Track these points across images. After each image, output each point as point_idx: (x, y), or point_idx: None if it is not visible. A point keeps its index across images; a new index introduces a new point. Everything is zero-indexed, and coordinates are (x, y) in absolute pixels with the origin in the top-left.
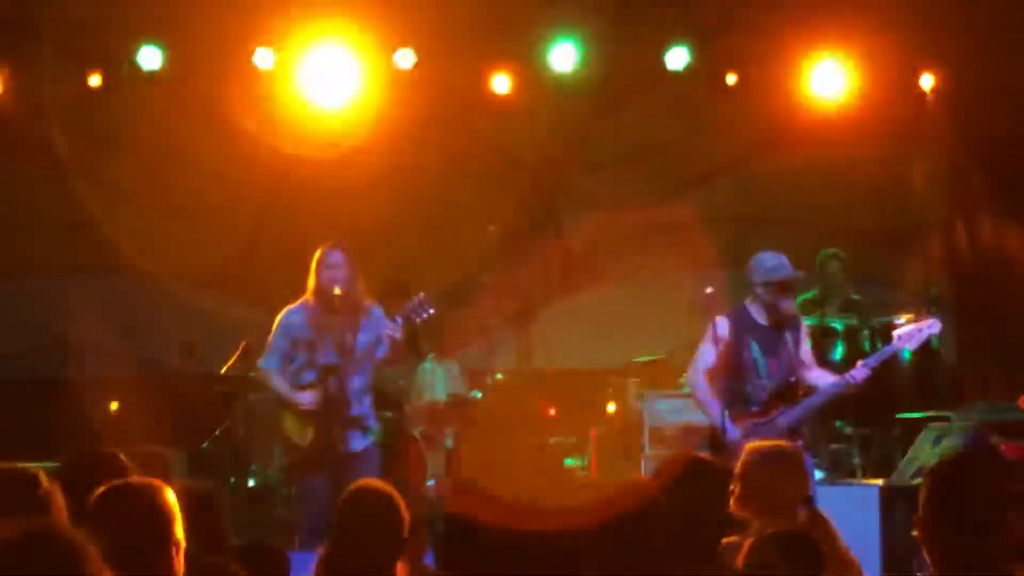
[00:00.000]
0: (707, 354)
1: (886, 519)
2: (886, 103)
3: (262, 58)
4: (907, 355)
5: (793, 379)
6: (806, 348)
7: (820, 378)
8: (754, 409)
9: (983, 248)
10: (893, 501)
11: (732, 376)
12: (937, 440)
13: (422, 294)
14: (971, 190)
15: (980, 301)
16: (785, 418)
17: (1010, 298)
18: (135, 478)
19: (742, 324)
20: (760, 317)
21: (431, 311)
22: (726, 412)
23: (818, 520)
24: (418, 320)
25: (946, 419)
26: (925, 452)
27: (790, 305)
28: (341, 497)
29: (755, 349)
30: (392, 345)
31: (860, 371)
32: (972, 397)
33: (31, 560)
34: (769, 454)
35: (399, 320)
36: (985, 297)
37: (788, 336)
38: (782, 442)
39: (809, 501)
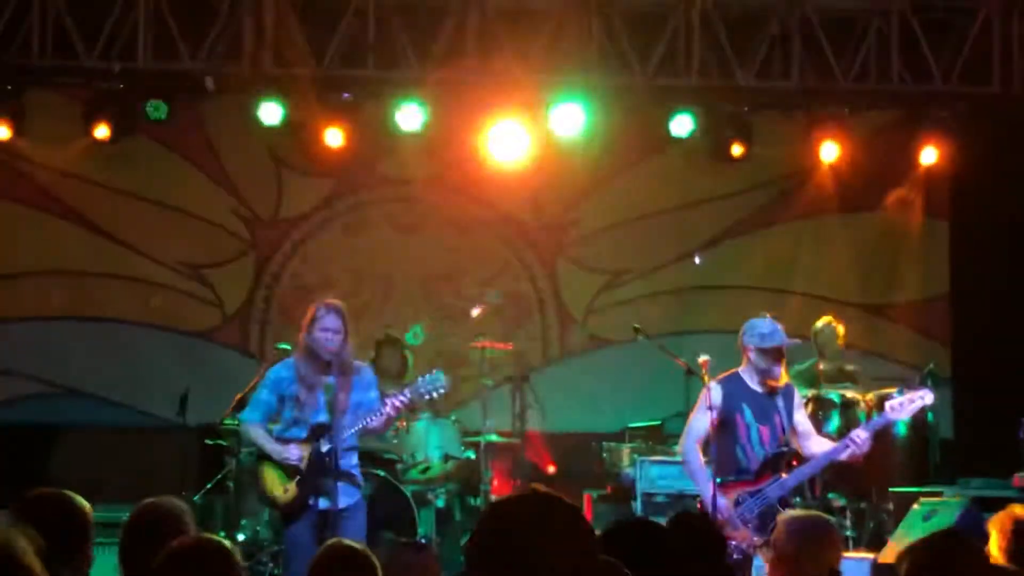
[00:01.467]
0: (699, 422)
1: None
2: (887, 175)
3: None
4: (902, 429)
5: (785, 448)
6: (802, 416)
7: (819, 445)
8: (745, 478)
9: (981, 322)
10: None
11: (724, 442)
12: (928, 516)
13: (436, 371)
14: (971, 263)
15: (977, 376)
16: (777, 488)
17: (1008, 373)
18: (203, 536)
19: (735, 390)
20: (752, 383)
21: (443, 390)
22: (715, 482)
23: None
24: (428, 398)
25: (938, 494)
26: (916, 527)
27: (779, 372)
28: (314, 556)
29: (748, 414)
30: (386, 420)
31: (863, 434)
32: (967, 473)
33: None
34: (797, 524)
35: (407, 395)
36: (982, 371)
37: (780, 403)
38: (815, 513)
39: (835, 573)
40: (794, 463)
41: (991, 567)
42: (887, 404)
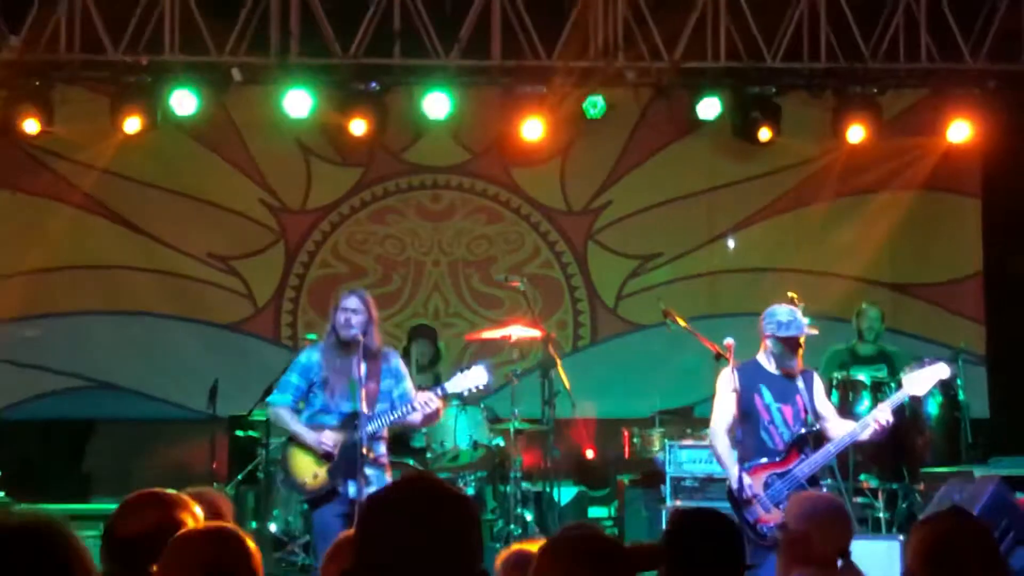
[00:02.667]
0: (723, 407)
1: None
2: (917, 153)
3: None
4: (935, 409)
5: (811, 429)
6: (822, 399)
7: (841, 426)
8: (773, 460)
9: (1015, 301)
10: None
11: (748, 427)
12: (958, 495)
13: (478, 364)
14: (1004, 241)
15: (1012, 355)
16: (805, 468)
17: None
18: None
19: (752, 374)
20: (771, 367)
21: (483, 386)
22: (743, 466)
23: (851, 573)
24: (467, 393)
25: (969, 474)
26: (945, 507)
27: (795, 364)
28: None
29: (767, 396)
30: (428, 416)
31: (884, 412)
32: (1001, 452)
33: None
34: (808, 505)
35: (447, 388)
36: (1017, 350)
37: (801, 384)
38: (827, 494)
39: (846, 555)
40: (818, 444)
41: (994, 545)
42: (903, 379)
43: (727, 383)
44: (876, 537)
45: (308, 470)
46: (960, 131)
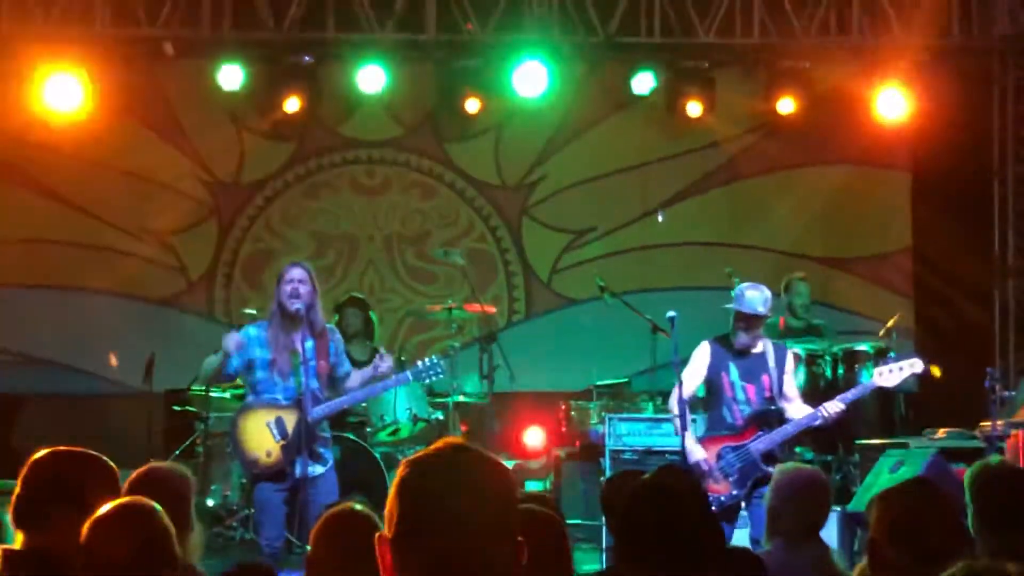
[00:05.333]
0: (687, 377)
1: (844, 544)
2: (848, 128)
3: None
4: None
5: (772, 407)
6: (790, 379)
7: (798, 410)
8: (730, 433)
9: (943, 275)
10: (851, 527)
11: (713, 401)
12: (896, 467)
13: (435, 358)
14: (933, 216)
15: (940, 328)
16: (761, 443)
17: (970, 325)
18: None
19: (722, 350)
20: (739, 343)
21: (442, 374)
22: (699, 437)
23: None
24: (427, 380)
25: (905, 445)
26: (883, 478)
27: (745, 339)
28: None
29: (733, 373)
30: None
31: (834, 407)
32: (932, 425)
33: None
34: (783, 478)
35: (408, 376)
36: (945, 324)
37: (771, 362)
38: (809, 470)
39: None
40: (779, 422)
41: (958, 514)
42: (875, 371)
43: (699, 357)
44: None
45: (261, 447)
46: (890, 106)
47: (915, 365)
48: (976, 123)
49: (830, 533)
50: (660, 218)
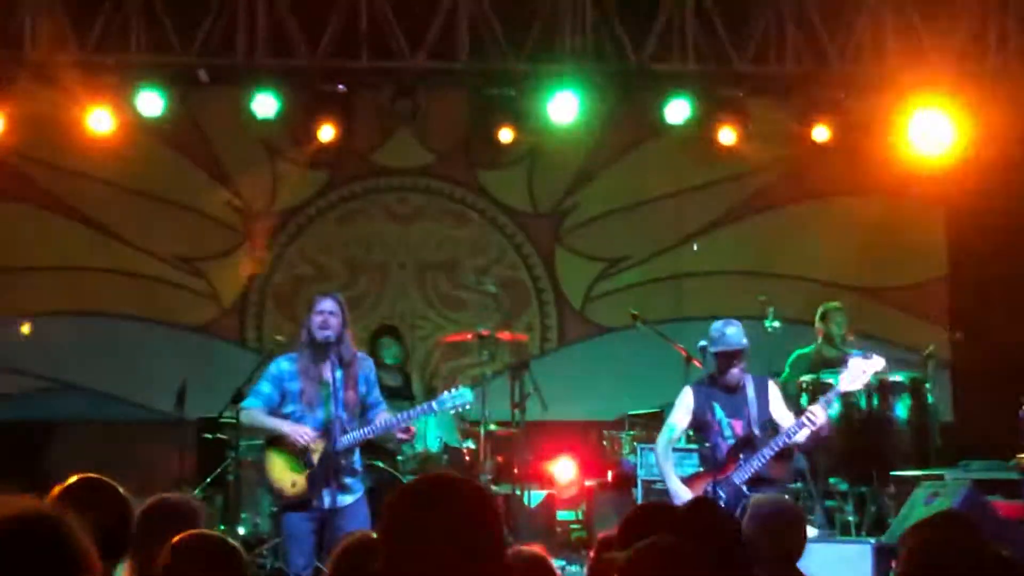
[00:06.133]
0: (674, 422)
1: None
2: (883, 158)
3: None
4: (903, 412)
5: (749, 434)
6: (779, 406)
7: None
8: (713, 469)
9: (979, 304)
10: (886, 559)
11: (705, 440)
12: (930, 499)
13: (461, 387)
14: (968, 245)
15: (976, 358)
16: (742, 471)
17: (1006, 354)
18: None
19: (707, 390)
20: (721, 381)
21: (468, 406)
22: (679, 477)
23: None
24: (453, 410)
25: (940, 477)
26: (918, 510)
27: (733, 374)
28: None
29: (718, 411)
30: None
31: (818, 410)
32: (968, 455)
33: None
34: (758, 509)
35: (433, 407)
36: (981, 354)
37: (751, 396)
38: (781, 498)
39: (790, 559)
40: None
41: (990, 547)
42: (840, 376)
43: (684, 401)
44: (846, 541)
45: (287, 477)
46: (926, 133)
47: (876, 363)
48: (1013, 149)
49: (864, 566)
50: (695, 247)
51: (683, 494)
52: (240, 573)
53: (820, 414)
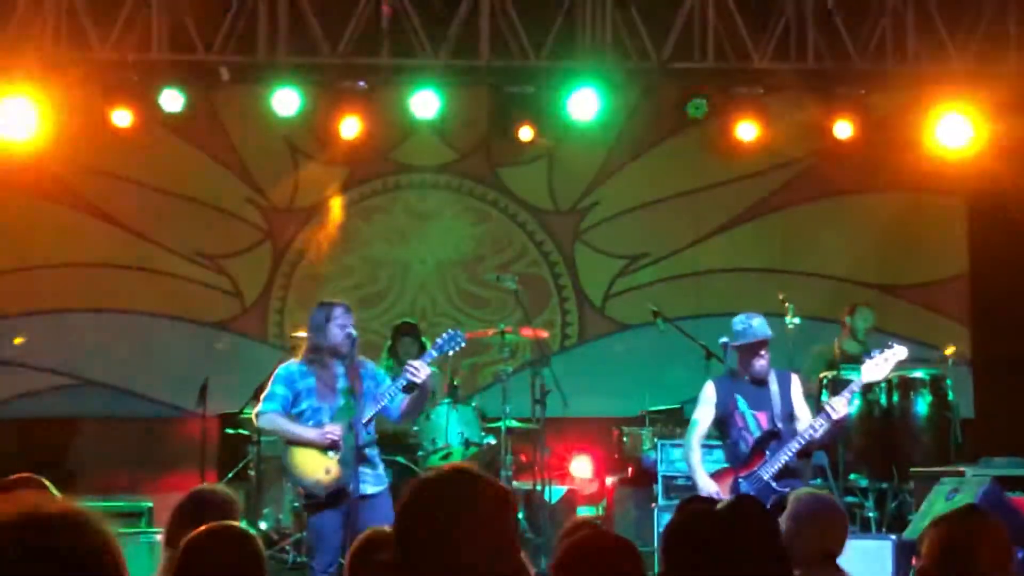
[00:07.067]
0: (701, 419)
1: (899, 574)
2: (904, 154)
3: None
4: (923, 409)
5: (774, 428)
6: (800, 401)
7: (803, 425)
8: (740, 463)
9: (1000, 301)
10: (907, 555)
11: (729, 435)
12: (951, 494)
13: (452, 330)
14: (990, 242)
15: (997, 355)
16: (769, 465)
17: None
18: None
19: (729, 384)
20: (759, 372)
21: (463, 343)
22: (706, 473)
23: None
24: (450, 351)
25: (961, 473)
26: (938, 506)
27: (760, 366)
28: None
29: (742, 404)
30: (421, 392)
31: (839, 402)
32: (989, 452)
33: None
34: (798, 505)
35: (431, 354)
36: (1002, 350)
37: (775, 388)
38: (822, 495)
39: (829, 557)
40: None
41: (1009, 542)
42: (862, 368)
43: (707, 396)
44: (866, 536)
45: (319, 467)
46: (948, 132)
47: (898, 352)
48: None
49: (885, 562)
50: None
51: (709, 487)
52: (259, 563)
53: (841, 406)
